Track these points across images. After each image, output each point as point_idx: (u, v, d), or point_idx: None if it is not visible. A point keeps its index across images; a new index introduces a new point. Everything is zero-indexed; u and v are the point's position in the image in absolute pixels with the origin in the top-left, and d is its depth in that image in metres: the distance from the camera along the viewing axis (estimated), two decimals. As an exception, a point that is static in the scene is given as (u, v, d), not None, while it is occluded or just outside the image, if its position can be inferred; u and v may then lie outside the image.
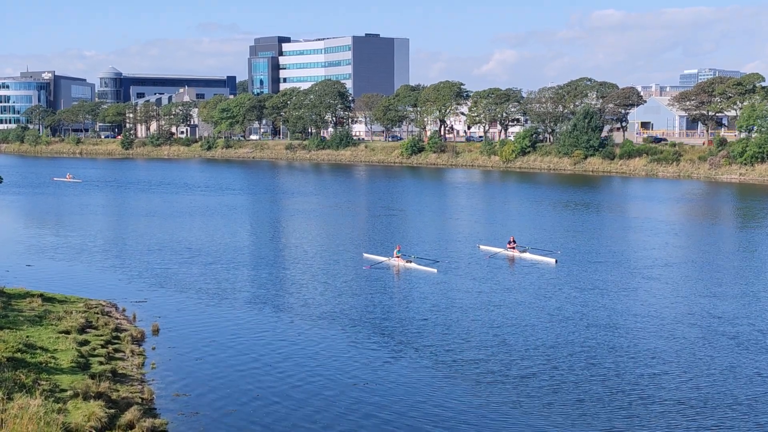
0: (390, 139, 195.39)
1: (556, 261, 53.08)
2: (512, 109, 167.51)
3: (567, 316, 38.88)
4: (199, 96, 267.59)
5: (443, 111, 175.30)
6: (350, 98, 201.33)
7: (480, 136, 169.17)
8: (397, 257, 52.48)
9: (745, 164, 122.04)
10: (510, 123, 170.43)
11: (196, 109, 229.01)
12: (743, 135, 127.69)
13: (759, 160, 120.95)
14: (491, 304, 41.39)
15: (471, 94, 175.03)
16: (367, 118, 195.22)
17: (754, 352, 32.99)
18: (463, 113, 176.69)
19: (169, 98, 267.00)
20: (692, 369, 31.10)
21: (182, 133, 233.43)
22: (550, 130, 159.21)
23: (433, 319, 38.42)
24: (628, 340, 34.86)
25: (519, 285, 46.50)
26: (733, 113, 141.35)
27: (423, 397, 28.23)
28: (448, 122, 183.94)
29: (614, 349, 33.52)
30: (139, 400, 26.78)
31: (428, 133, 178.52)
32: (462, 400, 27.91)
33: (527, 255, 55.16)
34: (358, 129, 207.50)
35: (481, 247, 58.75)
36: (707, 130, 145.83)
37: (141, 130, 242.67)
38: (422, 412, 26.80)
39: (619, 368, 31.09)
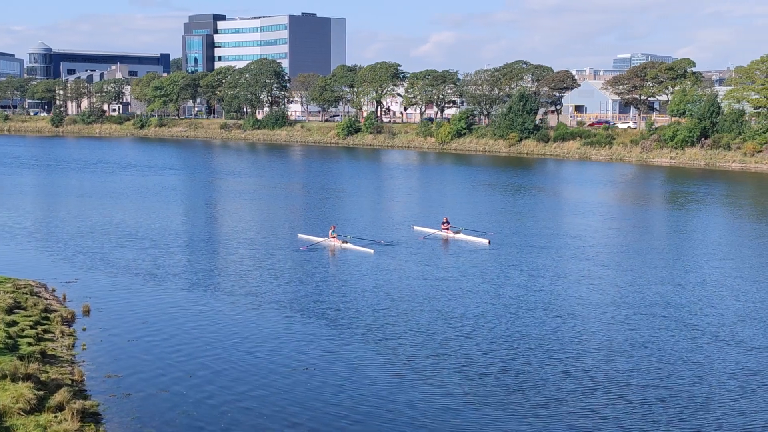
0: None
1: (490, 242, 53.53)
2: (448, 91, 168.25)
3: (503, 299, 39.21)
4: (132, 73, 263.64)
5: (380, 92, 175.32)
6: (286, 78, 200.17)
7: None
8: (333, 237, 52.44)
9: (676, 148, 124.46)
10: (446, 105, 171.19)
11: (129, 87, 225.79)
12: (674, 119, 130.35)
13: (689, 144, 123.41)
14: (430, 286, 41.53)
15: (408, 76, 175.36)
16: (304, 98, 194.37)
17: (706, 340, 33.17)
18: (399, 94, 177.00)
19: (101, 75, 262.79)
20: (640, 356, 31.51)
21: (114, 110, 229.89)
22: (485, 112, 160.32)
23: (373, 302, 38.28)
24: (569, 324, 35.06)
25: (454, 266, 46.76)
26: (664, 98, 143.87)
27: (364, 381, 27.98)
28: (384, 103, 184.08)
29: (553, 332, 33.75)
30: (69, 382, 26.34)
31: (365, 114, 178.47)
32: (405, 384, 27.80)
33: (461, 236, 55.51)
34: (294, 109, 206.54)
35: (415, 227, 58.95)
36: (639, 114, 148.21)
37: (72, 108, 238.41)
38: (364, 398, 26.62)
39: (563, 352, 31.22)
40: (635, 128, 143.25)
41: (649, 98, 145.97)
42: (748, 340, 32.51)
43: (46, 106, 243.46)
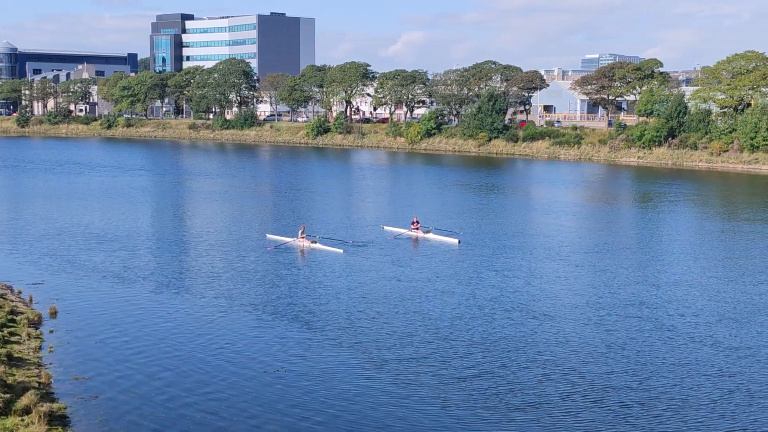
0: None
1: (459, 242, 53.61)
2: (418, 91, 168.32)
3: (475, 300, 39.22)
4: (99, 73, 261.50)
5: (349, 92, 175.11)
6: (255, 78, 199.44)
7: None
8: (302, 238, 52.29)
9: (643, 147, 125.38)
10: (416, 105, 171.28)
11: (96, 87, 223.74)
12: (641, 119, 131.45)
13: (656, 143, 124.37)
14: (401, 287, 41.44)
15: (377, 76, 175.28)
16: (273, 98, 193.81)
17: (682, 341, 32.99)
18: (369, 94, 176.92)
19: (68, 75, 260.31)
20: (618, 357, 31.64)
21: (81, 111, 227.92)
22: (455, 112, 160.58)
23: (343, 303, 38.13)
24: (545, 326, 34.90)
25: (425, 266, 46.68)
26: (632, 98, 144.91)
27: (335, 384, 27.71)
28: (354, 103, 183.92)
29: (529, 334, 33.65)
30: (36, 385, 26.03)
31: (334, 114, 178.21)
32: (377, 387, 27.63)
33: (431, 235, 55.54)
34: (263, 109, 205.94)
35: (385, 227, 58.90)
36: (607, 114, 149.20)
37: (38, 108, 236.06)
38: (335, 400, 26.44)
39: (540, 355, 31.07)
40: (558, 124, 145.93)
41: (617, 98, 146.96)
42: (724, 341, 32.48)
43: (11, 107, 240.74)
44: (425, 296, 39.29)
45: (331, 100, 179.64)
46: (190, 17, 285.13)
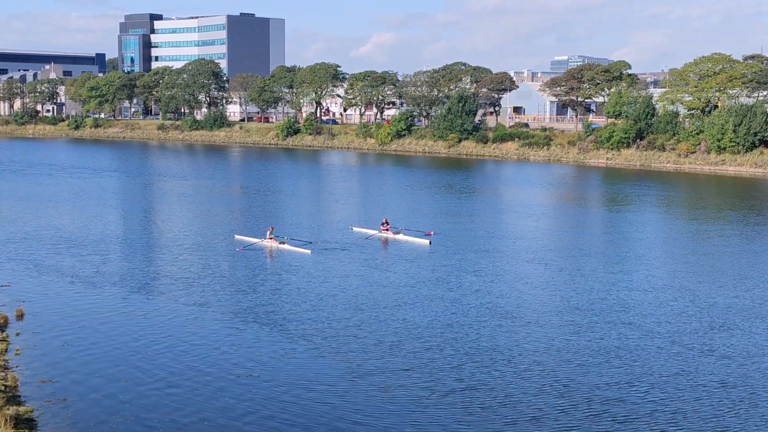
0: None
1: (430, 243, 53.64)
2: (388, 92, 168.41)
3: (446, 301, 39.26)
4: (66, 73, 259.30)
5: (319, 93, 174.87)
6: (224, 78, 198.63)
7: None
8: (270, 238, 52.16)
9: (612, 149, 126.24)
10: (386, 106, 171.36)
11: (63, 87, 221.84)
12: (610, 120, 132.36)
13: (624, 145, 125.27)
14: (371, 289, 41.36)
15: (347, 77, 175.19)
16: (242, 99, 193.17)
17: (677, 350, 32.22)
18: (339, 95, 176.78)
19: (35, 75, 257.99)
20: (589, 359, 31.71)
21: (48, 111, 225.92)
22: (425, 113, 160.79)
23: (313, 306, 37.94)
24: (535, 333, 34.51)
25: (392, 266, 46.67)
26: (601, 99, 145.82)
27: (308, 390, 27.43)
28: (324, 104, 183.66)
29: (519, 342, 33.42)
30: (3, 388, 25.74)
31: (304, 115, 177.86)
32: (348, 389, 27.56)
33: (401, 236, 55.55)
34: (233, 110, 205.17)
35: (355, 228, 58.83)
36: (576, 116, 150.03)
37: (4, 108, 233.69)
38: (304, 403, 26.33)
39: (536, 364, 30.48)
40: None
41: (585, 100, 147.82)
42: (719, 349, 31.59)
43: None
44: (397, 299, 39.19)
45: (301, 101, 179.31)
46: (159, 17, 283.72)
